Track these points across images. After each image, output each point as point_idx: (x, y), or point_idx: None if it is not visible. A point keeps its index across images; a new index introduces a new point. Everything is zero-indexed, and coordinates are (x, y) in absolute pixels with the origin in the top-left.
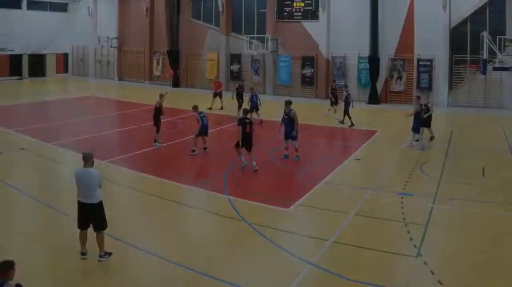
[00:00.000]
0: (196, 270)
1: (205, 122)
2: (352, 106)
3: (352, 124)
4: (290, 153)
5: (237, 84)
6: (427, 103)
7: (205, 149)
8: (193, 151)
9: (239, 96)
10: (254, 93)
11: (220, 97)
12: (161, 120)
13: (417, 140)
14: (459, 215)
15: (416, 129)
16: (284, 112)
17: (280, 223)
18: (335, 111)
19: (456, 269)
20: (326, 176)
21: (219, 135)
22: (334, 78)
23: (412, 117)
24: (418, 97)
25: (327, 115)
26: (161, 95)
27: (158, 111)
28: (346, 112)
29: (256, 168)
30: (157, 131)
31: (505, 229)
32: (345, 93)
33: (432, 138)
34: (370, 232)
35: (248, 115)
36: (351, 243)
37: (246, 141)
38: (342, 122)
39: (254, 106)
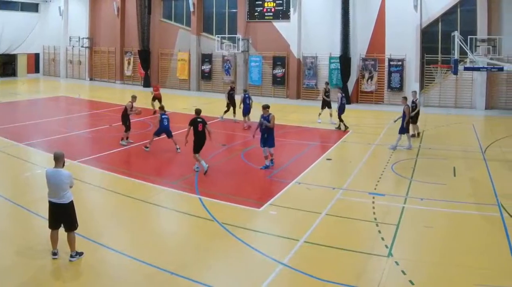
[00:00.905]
0: (168, 270)
1: (165, 124)
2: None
3: (346, 128)
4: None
5: (229, 87)
6: (415, 100)
7: (177, 149)
8: (146, 147)
9: (231, 99)
10: (247, 95)
11: (160, 101)
12: (131, 120)
13: (411, 137)
14: (430, 215)
15: (402, 131)
16: (262, 117)
17: (251, 223)
18: (331, 115)
19: (428, 269)
20: (297, 176)
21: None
22: (327, 81)
23: (400, 120)
24: (405, 98)
25: (321, 123)
26: (134, 97)
27: (126, 112)
28: (339, 116)
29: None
30: (126, 130)
31: (476, 229)
32: (339, 95)
33: (418, 134)
34: (341, 232)
35: (201, 115)
36: (322, 243)
37: (200, 141)
38: (339, 128)
39: (247, 110)
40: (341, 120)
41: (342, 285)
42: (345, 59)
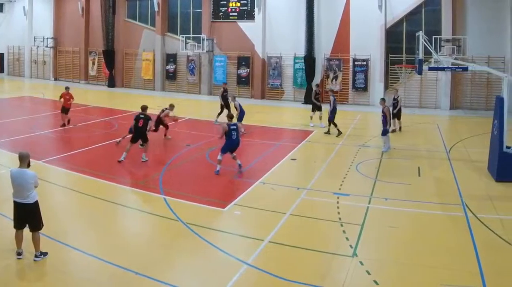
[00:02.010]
0: (132, 270)
1: (234, 138)
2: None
3: (340, 133)
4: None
5: (222, 88)
6: (397, 97)
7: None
8: (118, 141)
9: (225, 100)
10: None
11: (66, 113)
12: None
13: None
14: (395, 215)
15: (383, 132)
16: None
17: (216, 223)
18: (320, 118)
19: (392, 269)
20: (262, 176)
21: (157, 136)
22: (318, 83)
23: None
24: (383, 100)
25: (314, 126)
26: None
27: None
28: (331, 120)
29: (146, 159)
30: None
31: (440, 229)
32: (332, 98)
33: (400, 129)
34: (306, 232)
35: (146, 113)
36: (287, 243)
37: (139, 135)
38: (328, 132)
39: (242, 115)
40: (334, 124)
41: (307, 285)
42: (309, 59)
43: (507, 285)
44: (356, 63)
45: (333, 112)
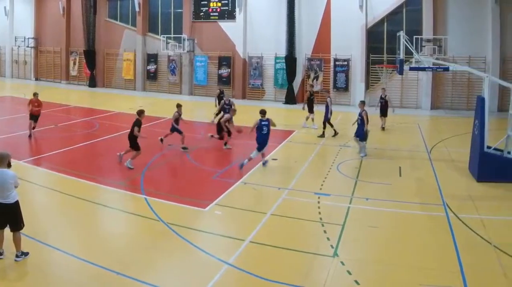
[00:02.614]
0: (114, 270)
1: (264, 133)
2: (331, 114)
3: (336, 133)
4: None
5: (218, 90)
6: (384, 96)
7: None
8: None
9: (220, 101)
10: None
11: (35, 121)
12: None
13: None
14: (376, 215)
15: (361, 137)
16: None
17: (197, 223)
18: (312, 119)
19: (373, 269)
20: (243, 176)
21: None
22: (312, 83)
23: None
24: (363, 103)
25: (307, 127)
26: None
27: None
28: (327, 122)
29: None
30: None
31: (421, 229)
32: (328, 99)
33: (382, 128)
34: (287, 232)
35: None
36: (268, 243)
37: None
38: (322, 135)
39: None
40: (331, 125)
41: (288, 285)
42: (290, 59)
43: (487, 284)
44: (337, 63)
45: (327, 115)
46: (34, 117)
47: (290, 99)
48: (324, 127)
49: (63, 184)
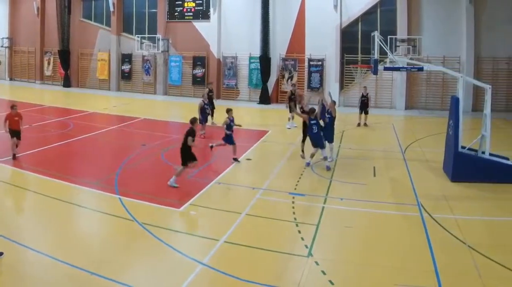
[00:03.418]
0: (88, 269)
1: (314, 132)
2: None
3: None
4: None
5: (207, 89)
6: (366, 94)
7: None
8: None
9: (210, 102)
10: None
11: (18, 138)
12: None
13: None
14: (350, 215)
15: (329, 139)
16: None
17: (171, 223)
18: (293, 118)
19: (347, 269)
20: (218, 176)
21: (110, 136)
22: (295, 83)
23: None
24: (334, 103)
25: (291, 128)
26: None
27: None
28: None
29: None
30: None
31: (395, 229)
32: (320, 100)
33: (365, 124)
34: (261, 232)
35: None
36: (242, 243)
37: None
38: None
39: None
40: None
41: (262, 285)
42: (265, 59)
43: (462, 284)
44: (311, 63)
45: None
46: (15, 133)
47: (265, 99)
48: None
49: (37, 184)
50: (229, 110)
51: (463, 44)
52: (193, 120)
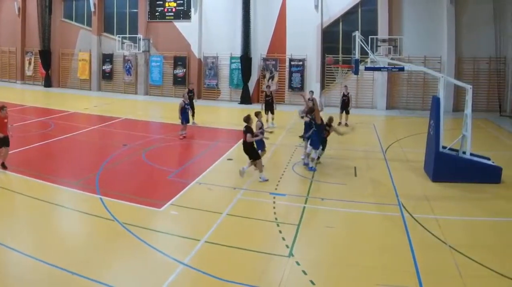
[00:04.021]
0: (69, 269)
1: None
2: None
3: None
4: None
5: (187, 89)
6: (347, 93)
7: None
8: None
9: (190, 102)
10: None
11: (7, 145)
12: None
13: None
14: (331, 215)
15: (315, 143)
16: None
17: (152, 223)
18: (272, 119)
19: (328, 269)
20: (199, 176)
21: (91, 136)
22: (268, 84)
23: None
24: (313, 102)
25: (269, 128)
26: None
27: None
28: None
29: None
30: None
31: (376, 229)
32: (310, 103)
33: (346, 124)
34: (242, 232)
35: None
36: (223, 243)
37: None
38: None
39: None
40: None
41: (243, 285)
42: (246, 59)
43: (442, 284)
44: (292, 63)
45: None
46: (4, 141)
47: (246, 99)
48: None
49: (18, 184)
50: (257, 114)
51: (444, 44)
52: (246, 119)
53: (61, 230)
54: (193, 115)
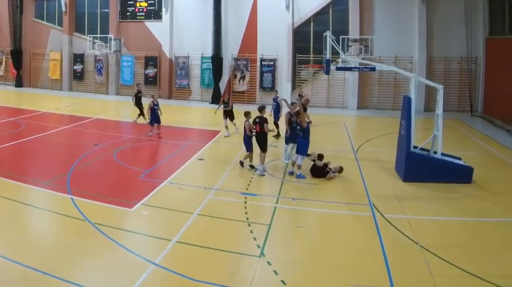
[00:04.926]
0: (40, 269)
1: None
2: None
3: (279, 135)
4: None
5: (135, 90)
6: (301, 93)
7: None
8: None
9: (139, 102)
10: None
11: None
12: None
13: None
14: (303, 215)
15: (303, 150)
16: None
17: (123, 223)
18: (234, 124)
19: (300, 269)
20: (170, 176)
21: (63, 136)
22: (225, 90)
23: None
24: (293, 103)
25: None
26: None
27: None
28: (277, 122)
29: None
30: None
31: (348, 229)
32: (283, 101)
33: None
34: (213, 232)
35: (261, 115)
36: (194, 243)
37: (257, 142)
38: (278, 135)
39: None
40: (277, 126)
41: (215, 285)
42: (217, 59)
43: (414, 284)
44: (263, 63)
45: (276, 114)
46: None
47: (217, 99)
48: (277, 127)
49: None
50: (247, 114)
51: (415, 44)
52: (260, 109)
53: (33, 230)
54: (140, 115)
